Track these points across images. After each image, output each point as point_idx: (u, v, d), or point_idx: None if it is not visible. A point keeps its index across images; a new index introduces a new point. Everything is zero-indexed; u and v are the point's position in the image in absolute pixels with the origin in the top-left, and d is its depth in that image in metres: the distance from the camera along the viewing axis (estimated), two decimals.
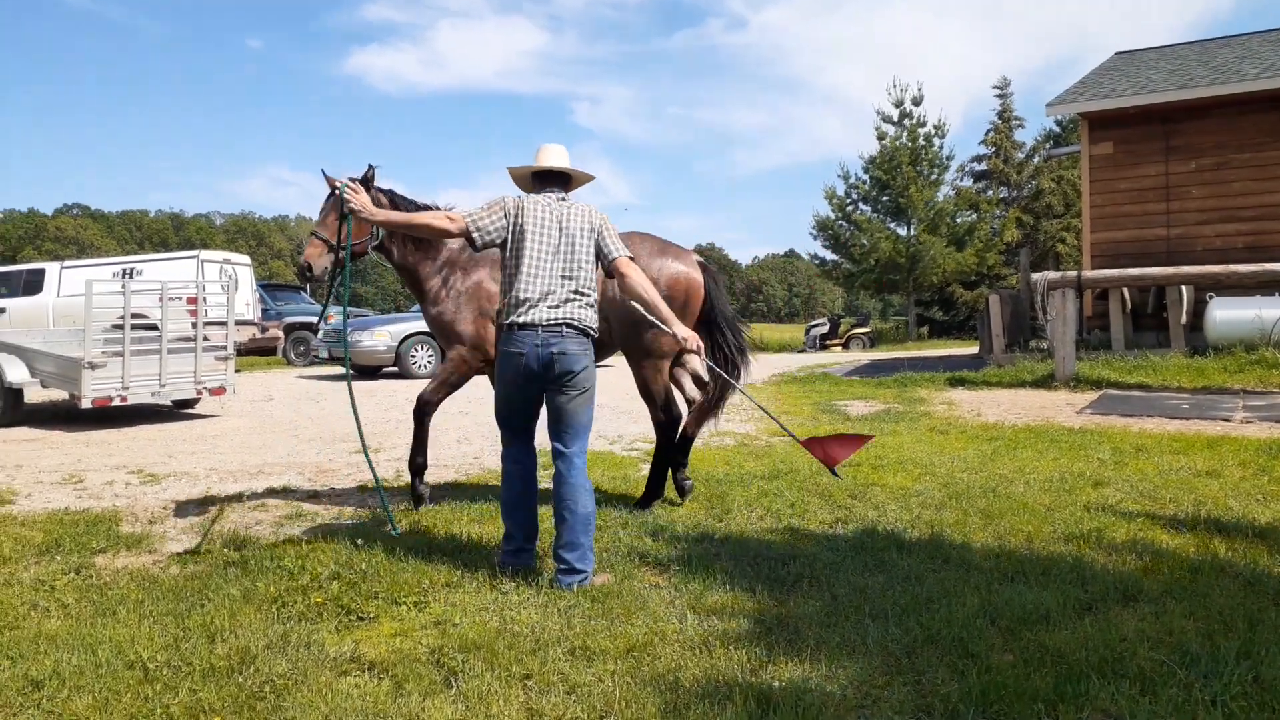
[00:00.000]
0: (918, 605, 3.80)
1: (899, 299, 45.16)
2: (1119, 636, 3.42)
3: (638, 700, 3.01)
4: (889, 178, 35.98)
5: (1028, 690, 2.98)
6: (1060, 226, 39.09)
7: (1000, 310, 14.80)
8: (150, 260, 18.74)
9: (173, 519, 5.74)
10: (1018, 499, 5.69)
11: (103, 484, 6.90)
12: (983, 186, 42.08)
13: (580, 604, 3.90)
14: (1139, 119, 14.73)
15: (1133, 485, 6.03)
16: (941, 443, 7.98)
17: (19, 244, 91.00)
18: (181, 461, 7.93)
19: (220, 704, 3.01)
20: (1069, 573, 4.17)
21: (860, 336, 30.55)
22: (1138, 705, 2.88)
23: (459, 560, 4.52)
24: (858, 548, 4.68)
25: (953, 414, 9.88)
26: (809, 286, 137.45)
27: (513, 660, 3.32)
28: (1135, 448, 7.34)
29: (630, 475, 6.69)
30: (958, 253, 35.89)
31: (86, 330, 9.96)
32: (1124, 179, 14.91)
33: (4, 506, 6.04)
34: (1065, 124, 39.84)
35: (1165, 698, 2.92)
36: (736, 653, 3.36)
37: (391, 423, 10.34)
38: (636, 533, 5.01)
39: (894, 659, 3.31)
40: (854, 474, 6.53)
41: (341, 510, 5.93)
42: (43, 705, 3.03)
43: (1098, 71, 17.05)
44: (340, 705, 2.99)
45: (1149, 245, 14.60)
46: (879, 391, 12.43)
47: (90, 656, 3.37)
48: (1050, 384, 11.97)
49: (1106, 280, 13.09)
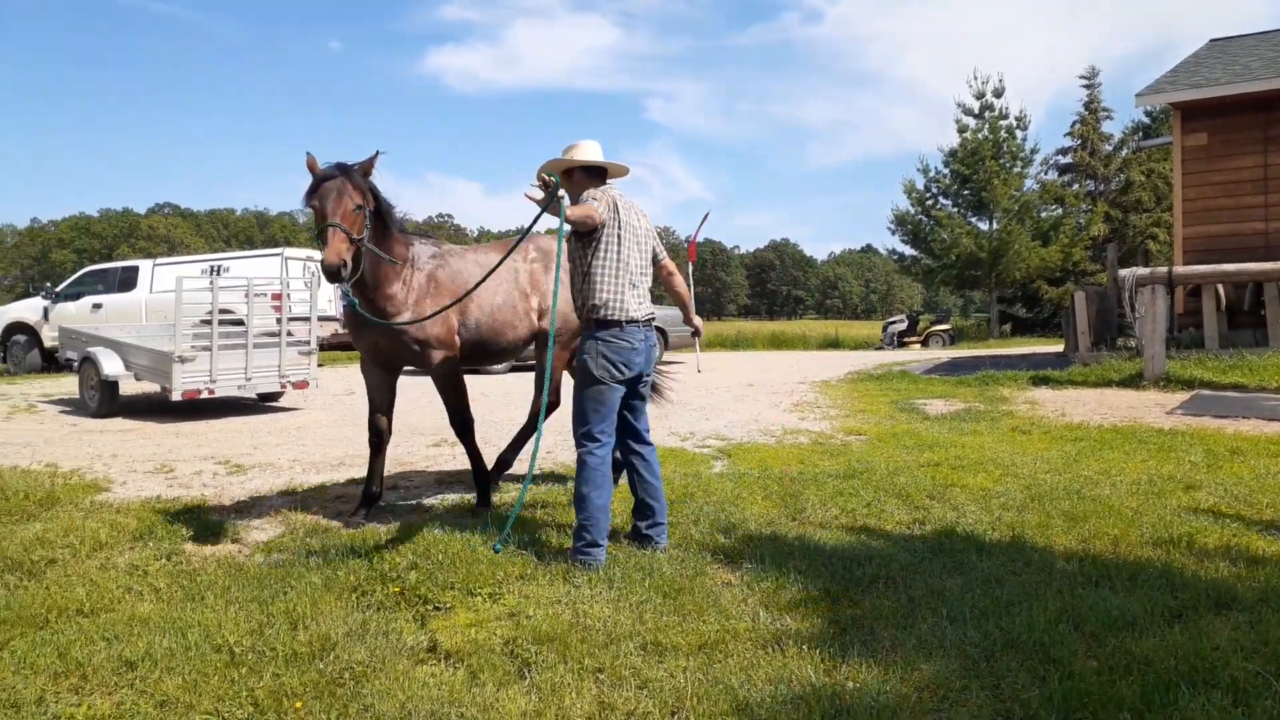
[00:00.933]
0: (997, 608, 3.72)
1: (980, 295, 44.26)
2: (1210, 645, 3.29)
3: (709, 697, 3.00)
4: (970, 171, 35.25)
5: (1112, 698, 2.89)
6: (1150, 221, 37.85)
7: (1086, 307, 14.36)
8: (237, 258, 19.29)
9: (258, 508, 5.91)
10: (1104, 501, 5.52)
11: (192, 473, 7.15)
12: (1068, 180, 40.92)
13: (652, 599, 3.90)
14: (1235, 108, 14.14)
15: (1227, 489, 5.80)
16: (1024, 443, 7.79)
17: (114, 242, 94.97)
18: (266, 453, 8.16)
19: (302, 689, 3.09)
20: (1157, 578, 4.04)
21: (940, 334, 30.01)
22: (1229, 717, 2.78)
23: (531, 553, 4.57)
24: (936, 549, 4.59)
25: (1036, 414, 9.63)
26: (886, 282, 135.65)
27: (585, 653, 3.34)
28: (1230, 450, 7.06)
29: (702, 472, 6.68)
30: (1042, 248, 35.03)
31: (177, 325, 10.33)
32: (1219, 171, 14.34)
33: (101, 494, 6.30)
34: (1155, 115, 38.52)
35: (1259, 710, 2.81)
36: (810, 652, 3.33)
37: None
38: (708, 530, 5.00)
39: (972, 662, 3.24)
40: (933, 475, 6.41)
41: (419, 501, 6.04)
42: (135, 685, 3.15)
43: (1191, 60, 16.42)
44: (417, 693, 3.05)
45: (1245, 240, 14.02)
46: (959, 390, 12.19)
47: (180, 639, 3.49)
48: (1138, 383, 11.59)
49: (1199, 276, 12.61)
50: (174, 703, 3.03)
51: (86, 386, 11.24)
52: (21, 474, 6.92)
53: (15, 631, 3.64)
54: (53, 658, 3.36)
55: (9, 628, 3.67)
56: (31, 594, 4.05)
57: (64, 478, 6.83)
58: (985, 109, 35.83)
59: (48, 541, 4.93)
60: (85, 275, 19.35)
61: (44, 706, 3.01)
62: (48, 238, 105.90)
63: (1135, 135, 40.68)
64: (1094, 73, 41.37)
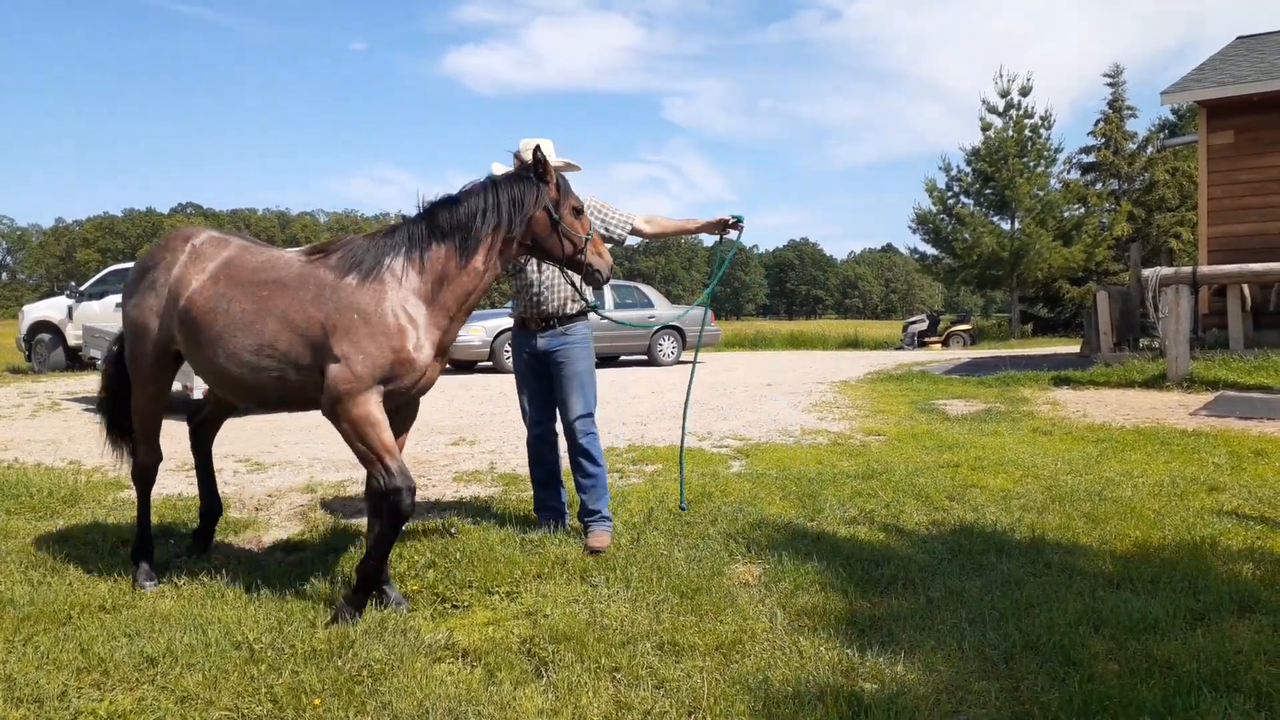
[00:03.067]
0: (1017, 610, 3.69)
1: (1002, 295, 43.92)
2: (1234, 649, 3.26)
3: (726, 697, 2.99)
4: (993, 170, 35.00)
5: (1133, 701, 2.86)
6: (1174, 220, 37.49)
7: (1109, 307, 14.22)
8: None
9: (277, 506, 5.95)
10: (1125, 503, 5.47)
11: None
12: (1091, 179, 40.58)
13: (669, 599, 3.90)
14: (1264, 106, 13.96)
15: (1251, 491, 5.73)
16: (1045, 444, 7.73)
17: (138, 241, 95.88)
18: (286, 451, 8.21)
19: (320, 685, 3.11)
20: (1180, 581, 4.00)
21: (960, 334, 29.82)
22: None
23: (548, 551, 4.57)
24: (955, 550, 4.57)
25: (1057, 414, 9.56)
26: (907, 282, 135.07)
27: (602, 653, 3.34)
28: (1254, 452, 6.98)
29: (719, 472, 6.67)
30: (1065, 247, 34.75)
31: None
32: (1246, 170, 14.17)
33: (123, 491, 6.35)
34: (1181, 113, 38.11)
35: None
36: (827, 653, 3.32)
37: (485, 415, 10.52)
38: (726, 530, 4.99)
39: (991, 664, 3.22)
40: (952, 476, 6.38)
41: (439, 499, 6.06)
42: (156, 681, 3.18)
43: (1217, 57, 16.23)
44: (434, 691, 3.06)
45: (1272, 239, 13.83)
46: (980, 390, 12.11)
47: (200, 636, 3.52)
48: (1161, 384, 11.47)
49: (1225, 276, 12.46)
50: (194, 699, 3.05)
51: None
52: (45, 471, 7.00)
53: (39, 627, 3.68)
54: (75, 653, 3.39)
55: (32, 623, 3.71)
56: (55, 590, 4.09)
57: (87, 475, 6.91)
58: (1010, 107, 35.56)
59: (71, 538, 4.99)
60: (109, 274, 19.55)
61: (66, 701, 3.04)
62: (73, 237, 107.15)
63: (1160, 133, 40.31)
64: (1118, 71, 40.99)
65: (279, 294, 3.91)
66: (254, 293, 3.95)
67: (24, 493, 6.02)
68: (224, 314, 3.95)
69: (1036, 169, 35.40)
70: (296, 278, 3.93)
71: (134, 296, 4.34)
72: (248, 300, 3.94)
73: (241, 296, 3.96)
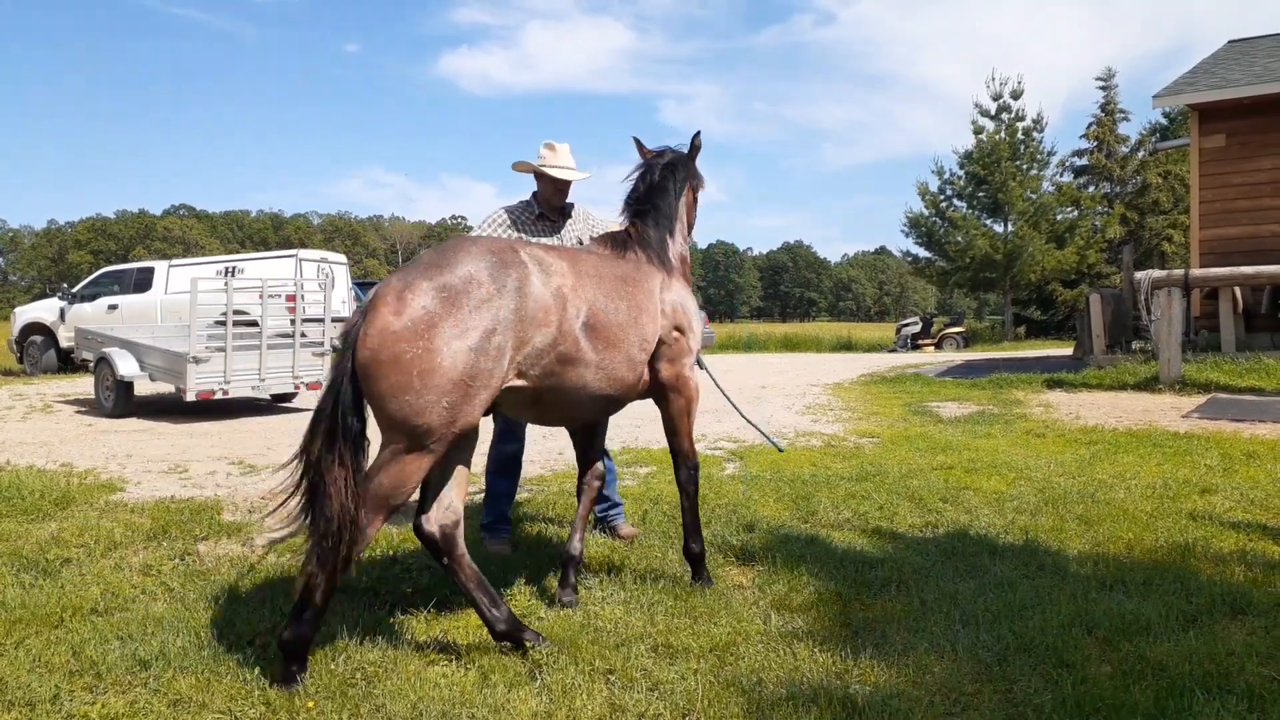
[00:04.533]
0: (1010, 612, 3.70)
1: (995, 298, 44.07)
2: (1226, 650, 3.27)
3: (720, 699, 2.99)
4: (986, 173, 35.09)
5: (1126, 703, 2.87)
6: (1166, 223, 37.61)
7: (1101, 310, 14.27)
8: (251, 259, 19.38)
9: (270, 508, 5.93)
10: (1118, 505, 5.48)
11: (205, 474, 7.18)
12: (1084, 182, 40.70)
13: (663, 601, 3.90)
14: (1255, 110, 14.03)
15: (1242, 493, 5.76)
16: (1038, 446, 7.75)
17: (130, 243, 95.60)
18: (279, 453, 8.18)
19: (314, 689, 3.10)
20: (1172, 583, 4.01)
21: (954, 336, 29.87)
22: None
23: (542, 555, 4.57)
24: (948, 552, 4.58)
25: (1050, 416, 9.58)
26: (900, 284, 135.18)
27: (596, 655, 3.34)
28: (1246, 454, 7.01)
29: (714, 474, 6.67)
30: (1057, 250, 34.85)
31: (191, 326, 10.38)
32: (1237, 173, 14.23)
33: (116, 493, 6.33)
34: (1173, 116, 38.24)
35: (1275, 715, 2.79)
36: (821, 655, 3.32)
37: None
38: (720, 532, 4.99)
39: (984, 666, 3.23)
40: (946, 478, 6.39)
41: None
42: (149, 684, 3.17)
43: (1209, 61, 16.30)
44: (428, 694, 3.05)
45: (1264, 242, 13.90)
46: (973, 393, 12.13)
47: (193, 639, 3.51)
48: (1154, 387, 11.51)
49: (1217, 279, 12.52)
50: (187, 702, 3.04)
51: (102, 387, 11.32)
52: (38, 474, 6.97)
53: (30, 630, 3.66)
54: (67, 656, 3.38)
55: (24, 626, 3.69)
56: (47, 593, 4.07)
57: (79, 477, 6.88)
58: (1002, 110, 35.66)
59: (63, 541, 4.96)
60: (101, 276, 19.49)
61: (58, 704, 3.02)
62: (65, 239, 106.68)
63: (1152, 137, 40.42)
64: (1110, 74, 41.17)
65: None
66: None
67: (16, 495, 5.99)
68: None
69: (1029, 172, 35.51)
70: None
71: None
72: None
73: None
